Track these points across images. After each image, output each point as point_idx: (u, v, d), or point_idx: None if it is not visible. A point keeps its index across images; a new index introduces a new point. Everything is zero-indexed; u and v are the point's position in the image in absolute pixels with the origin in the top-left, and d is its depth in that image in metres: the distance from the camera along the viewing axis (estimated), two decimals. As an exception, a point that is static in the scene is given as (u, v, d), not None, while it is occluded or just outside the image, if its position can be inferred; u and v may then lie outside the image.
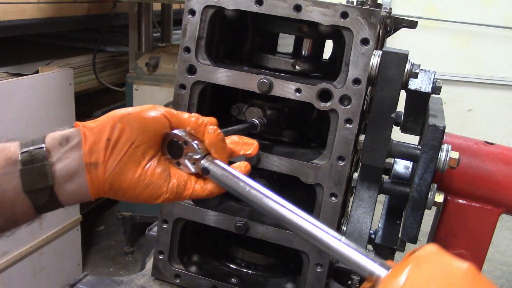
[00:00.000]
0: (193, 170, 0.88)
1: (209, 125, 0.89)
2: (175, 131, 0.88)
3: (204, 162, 0.88)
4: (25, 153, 0.78)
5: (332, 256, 0.81)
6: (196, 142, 0.88)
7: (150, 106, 0.88)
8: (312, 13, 1.04)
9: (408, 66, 1.04)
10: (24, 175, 0.77)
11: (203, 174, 0.88)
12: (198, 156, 0.88)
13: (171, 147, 0.88)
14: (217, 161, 0.88)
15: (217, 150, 0.89)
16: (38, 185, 0.78)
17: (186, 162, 0.88)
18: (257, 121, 1.14)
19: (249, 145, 0.94)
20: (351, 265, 0.75)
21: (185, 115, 0.90)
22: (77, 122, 0.85)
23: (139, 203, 0.88)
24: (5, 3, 2.74)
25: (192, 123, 0.89)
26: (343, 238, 0.77)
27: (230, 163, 0.91)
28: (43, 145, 0.79)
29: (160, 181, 0.85)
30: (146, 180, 0.83)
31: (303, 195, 1.29)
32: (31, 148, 0.79)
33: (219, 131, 0.89)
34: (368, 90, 1.13)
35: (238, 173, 0.88)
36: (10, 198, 0.77)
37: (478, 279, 0.64)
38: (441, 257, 0.67)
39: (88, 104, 3.83)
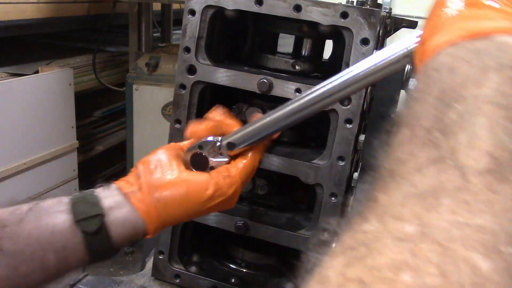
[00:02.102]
0: (225, 159, 0.88)
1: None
2: (188, 149, 0.90)
3: (224, 140, 0.88)
4: (77, 194, 0.83)
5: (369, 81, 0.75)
6: (208, 138, 0.88)
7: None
8: (312, 13, 1.04)
9: (408, 66, 1.04)
10: (75, 207, 0.80)
11: (230, 149, 0.87)
12: (218, 144, 0.88)
13: (196, 164, 0.88)
14: (232, 132, 0.89)
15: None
16: (90, 213, 0.80)
17: (214, 159, 0.88)
18: None
19: None
20: (390, 67, 0.70)
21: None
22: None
23: (196, 210, 0.86)
24: (5, 3, 2.74)
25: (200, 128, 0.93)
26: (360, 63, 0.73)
27: None
28: (92, 189, 0.85)
29: (200, 173, 0.86)
30: (185, 177, 0.85)
31: (303, 195, 1.29)
32: (81, 192, 0.85)
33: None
34: (368, 90, 1.13)
35: (251, 123, 0.88)
36: (61, 230, 0.78)
37: None
38: None
39: (88, 104, 3.83)
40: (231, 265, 1.32)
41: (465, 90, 0.39)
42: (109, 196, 0.84)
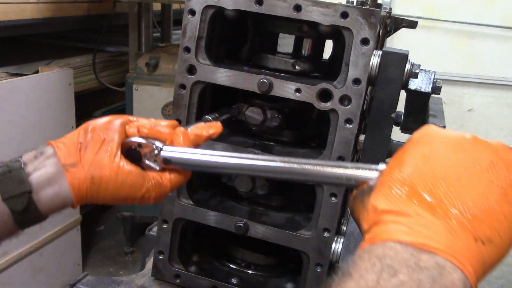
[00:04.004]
0: (157, 167, 0.89)
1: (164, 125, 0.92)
2: (128, 139, 0.89)
3: (163, 154, 0.88)
4: (2, 167, 0.81)
5: (316, 180, 0.82)
6: (150, 140, 0.89)
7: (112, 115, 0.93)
8: (312, 13, 1.04)
9: (408, 66, 1.04)
10: (1, 184, 0.79)
11: (165, 164, 0.89)
12: (156, 152, 0.89)
13: (129, 155, 0.88)
14: (175, 148, 0.89)
15: (181, 140, 0.91)
16: (16, 191, 0.79)
17: (147, 162, 0.89)
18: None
19: (212, 127, 0.96)
20: (339, 179, 0.74)
21: (141, 120, 0.94)
22: (49, 141, 0.88)
23: (122, 201, 0.87)
24: (5, 3, 2.74)
25: (145, 124, 0.91)
26: (320, 161, 0.77)
27: None
28: (19, 159, 0.83)
29: (138, 170, 0.87)
30: (126, 169, 0.85)
31: (303, 195, 1.29)
32: (8, 161, 0.82)
33: (177, 125, 0.94)
34: (368, 90, 1.13)
35: (197, 150, 0.90)
36: None
37: (485, 143, 0.61)
38: (439, 133, 0.63)
39: (88, 104, 3.83)
40: (231, 265, 1.32)
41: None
42: (41, 167, 0.82)
